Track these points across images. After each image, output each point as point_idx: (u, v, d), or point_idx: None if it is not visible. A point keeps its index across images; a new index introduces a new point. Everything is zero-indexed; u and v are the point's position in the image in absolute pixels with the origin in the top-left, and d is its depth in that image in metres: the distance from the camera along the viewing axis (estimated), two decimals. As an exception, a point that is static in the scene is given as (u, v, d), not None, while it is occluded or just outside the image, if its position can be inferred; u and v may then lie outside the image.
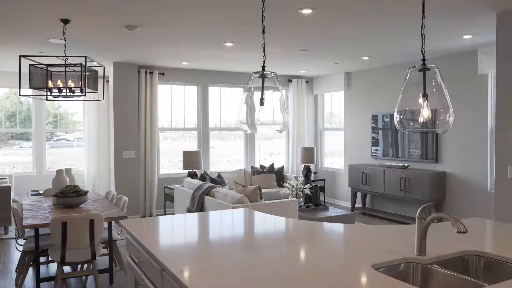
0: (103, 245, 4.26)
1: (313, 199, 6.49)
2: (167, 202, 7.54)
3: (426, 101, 2.58)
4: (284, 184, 6.35)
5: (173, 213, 7.55)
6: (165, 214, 7.47)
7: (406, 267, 2.09)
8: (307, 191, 6.26)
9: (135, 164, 7.32)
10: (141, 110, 7.47)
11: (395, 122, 2.69)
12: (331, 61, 7.10)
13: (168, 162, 8.12)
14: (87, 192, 4.43)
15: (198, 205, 5.53)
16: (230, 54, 6.38)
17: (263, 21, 2.65)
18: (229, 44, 5.62)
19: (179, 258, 2.03)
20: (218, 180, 6.49)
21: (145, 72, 7.48)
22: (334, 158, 9.30)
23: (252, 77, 2.89)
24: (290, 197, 6.29)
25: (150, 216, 7.56)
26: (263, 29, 2.72)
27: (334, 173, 8.89)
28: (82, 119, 7.98)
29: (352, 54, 6.44)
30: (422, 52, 2.58)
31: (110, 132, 7.53)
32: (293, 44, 5.69)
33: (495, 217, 4.18)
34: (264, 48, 2.84)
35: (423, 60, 2.59)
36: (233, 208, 4.77)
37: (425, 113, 2.59)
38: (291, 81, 8.93)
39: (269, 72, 2.82)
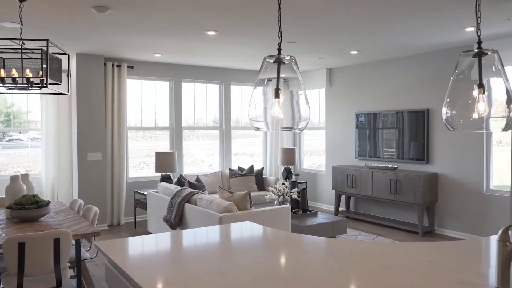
0: (70, 265, 3.58)
1: (301, 204, 6.00)
2: (138, 209, 6.84)
3: (483, 92, 2.13)
4: (270, 188, 5.82)
5: (146, 221, 6.85)
6: (135, 223, 6.76)
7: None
8: (294, 196, 5.77)
9: (101, 167, 6.57)
10: (108, 107, 6.73)
11: (443, 119, 2.22)
12: (316, 56, 6.63)
13: (138, 164, 7.39)
14: (48, 202, 3.73)
15: (177, 214, 4.91)
16: (211, 45, 5.78)
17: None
18: (211, 33, 5.03)
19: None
20: (198, 185, 5.87)
21: (112, 65, 6.74)
22: (314, 158, 8.86)
23: (265, 63, 2.33)
24: (276, 202, 5.78)
25: (118, 225, 6.83)
26: (279, 3, 2.18)
27: (315, 174, 8.45)
28: (39, 117, 7.12)
29: (341, 47, 5.99)
30: (477, 32, 2.10)
31: (72, 131, 6.74)
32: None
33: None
34: (280, 25, 2.30)
35: (479, 42, 2.12)
36: (221, 217, 4.20)
37: (480, 108, 2.13)
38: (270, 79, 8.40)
39: (287, 56, 2.28)
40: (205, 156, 8.06)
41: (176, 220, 4.90)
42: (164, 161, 6.49)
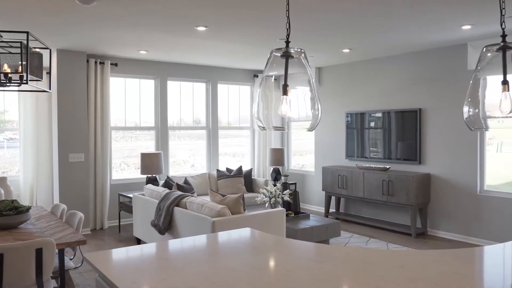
0: (53, 275, 3.32)
1: (293, 206, 5.83)
2: (122, 212, 6.56)
3: (507, 90, 1.98)
4: (261, 190, 5.63)
5: (131, 225, 6.58)
6: (119, 227, 6.48)
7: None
8: (286, 198, 5.59)
9: (83, 168, 6.27)
10: (90, 106, 6.43)
11: (464, 118, 2.07)
12: (307, 54, 6.46)
13: (119, 165, 7.09)
14: (29, 208, 3.46)
15: (166, 218, 4.67)
16: (201, 42, 5.55)
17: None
18: (201, 29, 4.81)
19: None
20: (186, 187, 5.64)
21: (95, 62, 6.44)
22: (301, 159, 8.72)
23: (272, 57, 2.14)
24: (267, 204, 5.59)
25: (102, 229, 6.54)
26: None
27: (303, 175, 8.30)
28: (16, 117, 6.76)
29: (333, 45, 5.84)
30: (501, 25, 1.96)
31: (52, 131, 6.42)
32: (271, 32, 4.99)
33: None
34: (288, 15, 2.12)
35: (503, 36, 1.97)
36: (213, 222, 3.99)
37: (505, 106, 1.99)
38: (257, 76, 8.23)
39: (296, 49, 2.09)
40: (187, 156, 7.79)
41: (165, 225, 4.67)
42: (150, 163, 6.23)
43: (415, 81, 6.28)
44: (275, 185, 6.05)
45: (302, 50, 2.10)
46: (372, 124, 6.89)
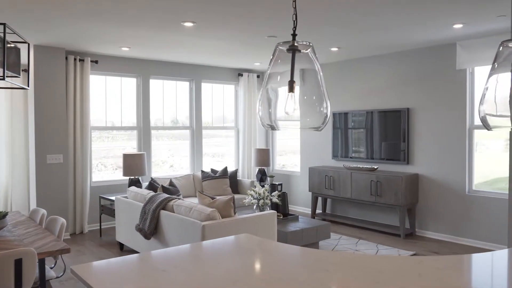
0: (33, 285, 3.08)
1: (281, 208, 5.69)
2: (104, 215, 6.31)
3: (525, 87, 1.88)
4: (249, 192, 5.47)
5: (112, 228, 6.34)
6: (100, 231, 6.22)
7: None
8: (275, 199, 5.45)
9: (62, 170, 5.99)
10: (69, 105, 6.15)
11: (480, 117, 1.96)
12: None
13: (96, 165, 6.80)
14: (6, 214, 3.22)
15: (151, 222, 4.47)
16: (187, 39, 5.36)
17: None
18: (188, 25, 4.62)
19: None
20: (172, 189, 5.44)
21: (75, 59, 6.17)
22: (282, 159, 8.60)
23: (278, 52, 1.99)
24: (255, 206, 5.44)
25: (82, 233, 6.26)
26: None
27: (289, 176, 8.19)
28: (-9, 116, 6.42)
29: (322, 43, 5.73)
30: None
31: (29, 132, 6.11)
32: (260, 29, 4.84)
33: (509, 228, 3.69)
34: (295, 6, 1.97)
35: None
36: (203, 226, 3.81)
37: (523, 105, 1.89)
38: (242, 75, 8.08)
39: (305, 43, 1.95)
40: (166, 157, 7.55)
41: (151, 229, 4.46)
42: (133, 164, 6.00)
43: (403, 80, 6.24)
44: (263, 186, 5.91)
45: (310, 44, 1.96)
46: (360, 124, 6.82)
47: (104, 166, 6.90)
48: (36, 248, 2.77)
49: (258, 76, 8.34)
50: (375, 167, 6.35)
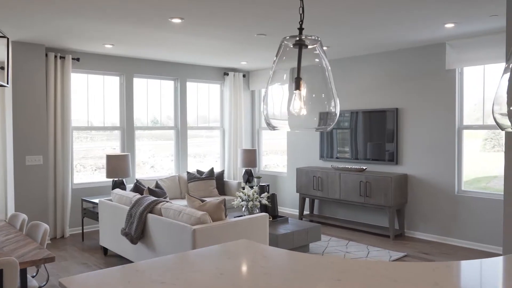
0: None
1: (271, 210, 5.58)
2: (86, 219, 6.08)
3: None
4: (237, 194, 5.34)
5: (95, 232, 6.11)
6: (83, 235, 5.98)
7: None
8: (264, 201, 5.34)
9: (42, 172, 5.74)
10: (50, 104, 5.90)
11: (493, 118, 1.88)
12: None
13: (74, 166, 6.55)
14: (-16, 220, 3.01)
15: (138, 226, 4.29)
16: (174, 36, 5.19)
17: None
18: (176, 21, 4.46)
19: None
20: (159, 192, 5.27)
21: (55, 57, 5.92)
22: (266, 159, 8.49)
23: (283, 47, 1.87)
24: (244, 208, 5.32)
25: (63, 237, 6.02)
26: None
27: (275, 177, 8.08)
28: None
29: (311, 43, 5.63)
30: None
31: (6, 132, 5.83)
32: (250, 27, 4.72)
33: (504, 228, 3.66)
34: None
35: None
36: (194, 230, 3.66)
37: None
38: (227, 74, 7.94)
39: (312, 37, 1.83)
40: (147, 157, 7.34)
41: (138, 234, 4.29)
42: (117, 165, 5.79)
43: (392, 80, 6.20)
44: (252, 187, 5.79)
45: (318, 38, 1.84)
46: (348, 124, 6.76)
47: (83, 167, 6.66)
48: (18, 257, 2.58)
49: (244, 76, 8.21)
50: (364, 167, 6.30)
